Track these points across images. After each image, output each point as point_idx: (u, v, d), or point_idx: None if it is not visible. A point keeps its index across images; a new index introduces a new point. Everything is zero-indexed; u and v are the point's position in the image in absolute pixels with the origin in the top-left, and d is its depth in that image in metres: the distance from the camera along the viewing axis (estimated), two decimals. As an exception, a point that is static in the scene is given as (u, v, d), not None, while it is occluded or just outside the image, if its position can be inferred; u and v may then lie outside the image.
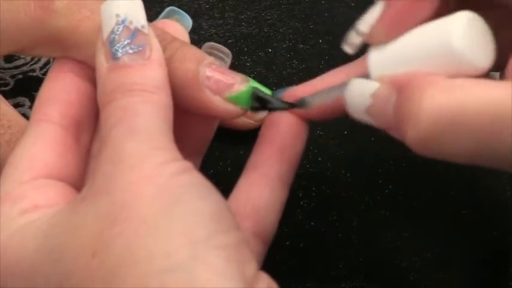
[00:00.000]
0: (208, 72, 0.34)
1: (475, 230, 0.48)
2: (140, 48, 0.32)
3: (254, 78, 0.49)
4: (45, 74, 0.46)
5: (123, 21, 0.33)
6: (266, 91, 0.35)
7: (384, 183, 0.47)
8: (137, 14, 0.33)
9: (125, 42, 0.32)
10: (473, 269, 0.47)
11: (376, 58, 0.33)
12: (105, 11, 0.33)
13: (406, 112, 0.29)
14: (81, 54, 0.34)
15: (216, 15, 0.53)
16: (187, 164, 0.30)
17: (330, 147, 0.47)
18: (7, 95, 0.46)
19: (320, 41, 0.52)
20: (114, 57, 0.32)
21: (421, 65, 0.31)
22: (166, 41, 0.34)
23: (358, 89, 0.33)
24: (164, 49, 0.34)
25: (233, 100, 0.34)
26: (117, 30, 0.32)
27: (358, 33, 0.34)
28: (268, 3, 0.54)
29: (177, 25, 0.37)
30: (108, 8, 0.33)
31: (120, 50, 0.32)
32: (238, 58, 0.50)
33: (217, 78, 0.34)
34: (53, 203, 0.31)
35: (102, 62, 0.32)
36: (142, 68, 0.32)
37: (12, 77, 0.47)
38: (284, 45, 0.52)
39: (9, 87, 0.47)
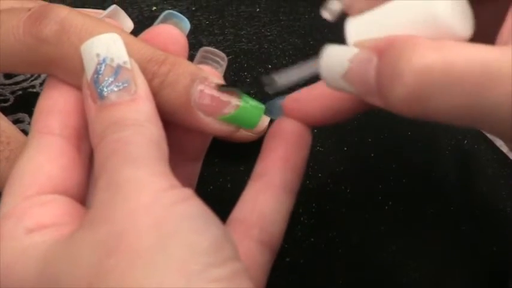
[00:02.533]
0: (201, 90, 0.34)
1: (475, 245, 0.48)
2: (125, 85, 0.32)
3: (254, 94, 0.49)
4: (45, 90, 0.46)
5: (104, 60, 0.32)
6: (258, 107, 0.35)
7: (384, 200, 0.47)
8: (118, 50, 0.33)
9: (109, 81, 0.32)
10: (473, 284, 0.47)
11: (353, 25, 0.33)
12: (85, 51, 0.33)
13: (393, 72, 0.29)
14: (70, 80, 0.34)
15: (216, 31, 0.53)
16: (185, 192, 0.30)
17: (329, 164, 0.47)
18: (7, 111, 0.46)
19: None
20: (100, 97, 0.32)
21: (403, 33, 0.31)
22: (156, 66, 0.34)
23: (335, 55, 0.33)
24: (154, 76, 0.34)
25: (226, 120, 0.34)
26: (100, 70, 0.32)
27: None
28: (268, 19, 0.54)
29: (174, 30, 0.36)
30: (87, 49, 0.33)
31: (106, 89, 0.32)
32: (238, 74, 0.50)
33: (210, 99, 0.34)
34: (58, 222, 0.31)
35: (90, 104, 0.32)
36: (130, 104, 0.32)
37: (12, 93, 0.47)
38: (284, 61, 0.52)
39: (9, 103, 0.47)
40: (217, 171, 0.47)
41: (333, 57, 0.33)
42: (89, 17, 0.35)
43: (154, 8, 0.54)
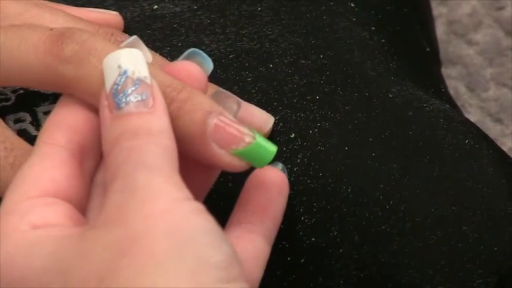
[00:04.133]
0: (216, 124, 0.34)
1: (476, 245, 0.48)
2: (144, 97, 0.33)
3: (255, 93, 0.49)
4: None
5: (125, 72, 0.33)
6: (271, 147, 0.36)
7: (385, 199, 0.47)
8: (139, 65, 0.33)
9: (128, 92, 0.32)
10: (474, 284, 0.47)
11: None
12: (107, 64, 0.33)
13: None
14: (86, 100, 0.35)
15: (217, 30, 0.53)
16: (199, 206, 0.30)
17: (331, 163, 0.47)
18: (8, 110, 0.46)
19: (321, 56, 0.52)
20: (117, 107, 0.32)
21: None
22: (175, 92, 0.34)
23: None
24: (172, 101, 0.34)
25: (239, 155, 0.35)
26: (120, 81, 0.33)
27: None
28: (270, 18, 0.54)
29: (195, 68, 0.37)
30: (110, 60, 0.33)
31: (124, 100, 0.32)
32: (240, 73, 0.50)
33: (225, 132, 0.34)
34: (62, 223, 0.32)
35: (105, 114, 0.33)
36: (146, 115, 0.32)
37: (14, 91, 0.47)
38: (285, 61, 0.52)
39: (11, 102, 0.47)
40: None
41: None
42: (109, 42, 0.36)
43: (155, 6, 0.54)
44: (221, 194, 0.44)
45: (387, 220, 0.47)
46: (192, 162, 0.36)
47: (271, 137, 0.48)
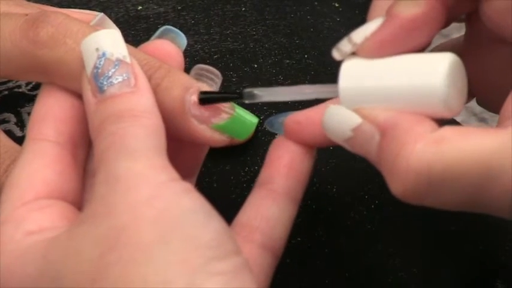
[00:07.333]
0: (195, 100, 0.34)
1: (461, 245, 0.48)
2: (125, 77, 0.32)
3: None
4: (31, 90, 0.46)
5: (103, 54, 0.33)
6: (252, 119, 0.36)
7: (370, 199, 0.47)
8: (117, 45, 0.33)
9: (109, 74, 0.32)
10: (460, 284, 0.47)
11: (349, 68, 0.34)
12: (85, 47, 0.33)
13: (393, 164, 0.30)
14: (67, 85, 0.35)
15: (201, 30, 0.53)
16: (185, 185, 0.30)
17: (316, 163, 0.47)
18: (-8, 111, 0.46)
19: (305, 56, 0.52)
20: (100, 90, 0.32)
21: (396, 99, 0.32)
22: (152, 69, 0.34)
23: (337, 119, 0.33)
24: (150, 78, 0.34)
25: (219, 129, 0.35)
26: (99, 64, 0.32)
27: (351, 42, 0.34)
28: (254, 18, 0.54)
29: (169, 46, 0.37)
30: (87, 44, 0.33)
31: (105, 83, 0.32)
32: (224, 74, 0.50)
33: (204, 107, 0.34)
34: (57, 225, 0.32)
35: (89, 99, 0.33)
36: (129, 96, 0.32)
37: (-2, 93, 0.47)
38: (270, 61, 0.52)
39: (-5, 103, 0.47)
40: (203, 170, 0.47)
41: (335, 121, 0.33)
42: (84, 22, 0.35)
43: (140, 7, 0.54)
44: (206, 193, 0.44)
45: (372, 220, 0.47)
46: (178, 139, 0.35)
47: (256, 136, 0.48)
